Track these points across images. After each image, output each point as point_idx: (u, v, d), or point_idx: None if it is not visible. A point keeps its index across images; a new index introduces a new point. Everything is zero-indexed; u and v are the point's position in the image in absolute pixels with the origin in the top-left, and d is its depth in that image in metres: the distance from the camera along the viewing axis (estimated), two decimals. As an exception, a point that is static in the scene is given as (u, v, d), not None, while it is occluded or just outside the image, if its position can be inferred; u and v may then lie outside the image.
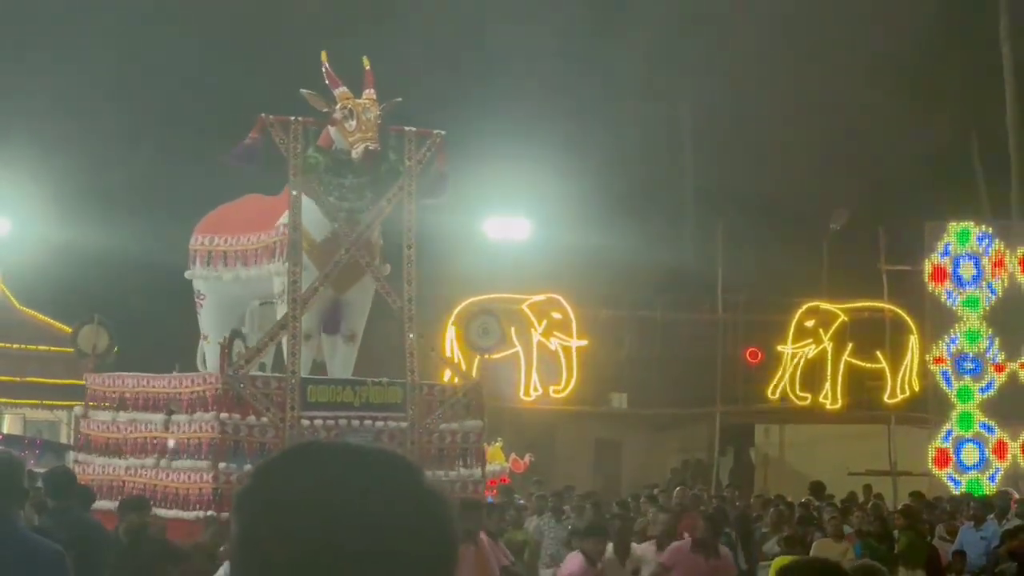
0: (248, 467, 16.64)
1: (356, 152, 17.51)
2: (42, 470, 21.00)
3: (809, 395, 34.94)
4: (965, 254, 32.73)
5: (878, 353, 34.90)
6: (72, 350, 21.74)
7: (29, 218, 34.79)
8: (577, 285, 34.76)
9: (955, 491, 30.13)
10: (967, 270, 32.70)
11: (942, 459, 32.45)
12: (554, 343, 33.55)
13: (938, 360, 32.74)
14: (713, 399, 35.70)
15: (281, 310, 18.14)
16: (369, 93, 17.91)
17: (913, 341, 34.41)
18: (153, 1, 39.00)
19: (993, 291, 32.53)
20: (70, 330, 37.31)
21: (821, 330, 34.85)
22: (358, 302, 18.72)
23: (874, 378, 35.06)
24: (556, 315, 33.51)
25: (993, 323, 32.51)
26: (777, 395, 35.01)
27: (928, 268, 32.92)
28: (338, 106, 17.78)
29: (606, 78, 40.47)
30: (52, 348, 35.16)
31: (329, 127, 17.86)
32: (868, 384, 35.24)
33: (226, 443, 17.31)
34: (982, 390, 32.48)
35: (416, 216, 18.56)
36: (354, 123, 17.58)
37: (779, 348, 35.12)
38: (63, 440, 39.12)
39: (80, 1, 38.48)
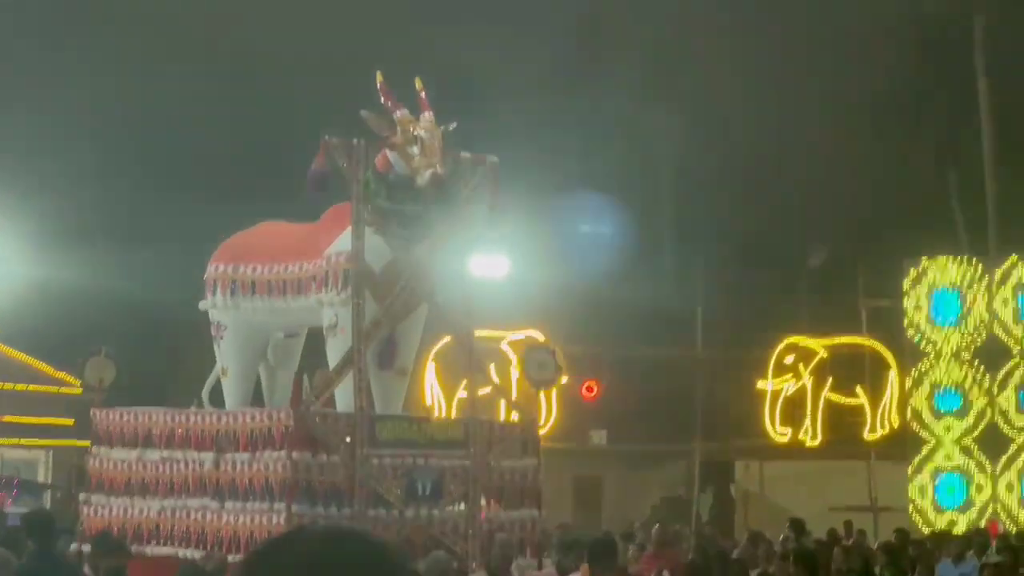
0: (320, 509, 16.17)
1: (422, 178, 16.65)
2: (20, 510, 20.80)
3: (789, 431, 34.93)
4: (944, 289, 32.82)
5: (858, 388, 34.94)
6: (76, 389, 21.42)
7: (5, 256, 34.71)
8: (556, 322, 34.75)
9: (936, 527, 30.15)
10: (946, 305, 32.78)
11: (922, 495, 32.50)
12: (533, 380, 33.52)
13: (917, 395, 32.81)
14: (693, 435, 35.68)
15: (337, 343, 17.18)
16: (428, 116, 17.05)
17: (893, 376, 34.45)
18: (130, 39, 39.02)
19: (972, 326, 32.60)
20: (48, 368, 37.36)
21: (801, 366, 34.87)
22: (411, 335, 17.87)
23: (854, 414, 35.08)
24: (535, 352, 33.47)
25: (972, 357, 32.58)
26: (776, 430, 34.93)
27: (907, 303, 33.01)
28: (399, 129, 16.89)
29: (586, 114, 40.56)
30: (30, 387, 35.05)
31: (387, 151, 16.97)
32: (848, 420, 35.25)
33: (298, 483, 16.37)
34: (962, 425, 32.52)
35: (470, 247, 18.03)
36: (417, 148, 16.75)
37: (759, 384, 35.14)
38: (40, 479, 38.95)
39: (56, 39, 38.48)
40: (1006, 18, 39.26)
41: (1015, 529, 28.73)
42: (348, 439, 16.60)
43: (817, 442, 34.89)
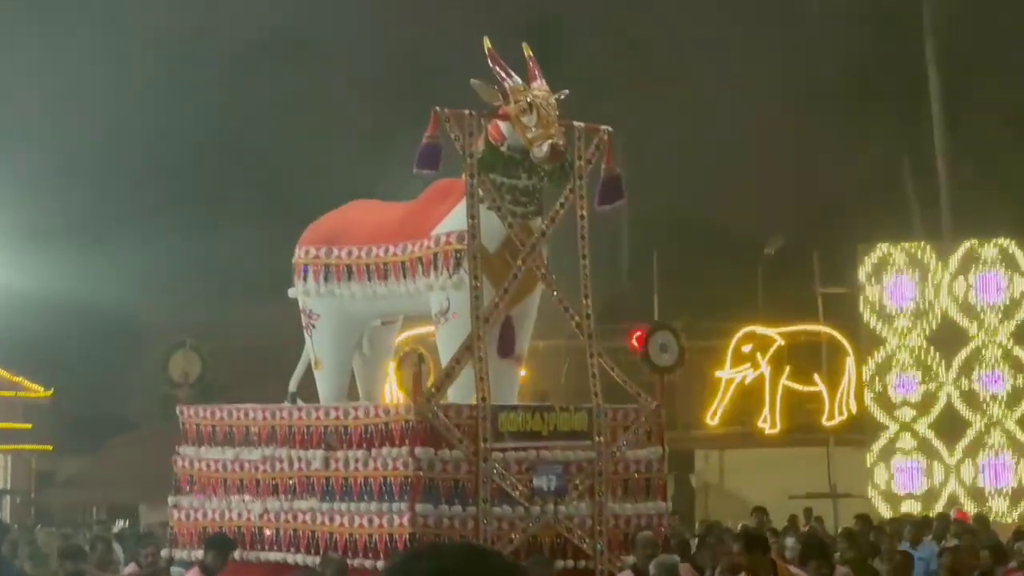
0: (444, 508, 15.03)
1: (540, 150, 15.41)
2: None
3: (748, 420, 35.04)
4: (898, 275, 32.97)
5: (815, 376, 35.05)
6: (34, 393, 20.80)
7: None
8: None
9: (895, 512, 30.34)
10: (901, 291, 32.94)
11: (881, 481, 32.67)
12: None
13: (875, 381, 32.97)
14: (652, 426, 35.67)
15: (449, 329, 15.85)
16: (540, 84, 15.82)
17: (849, 363, 34.58)
18: (86, 39, 38.86)
19: (927, 311, 32.77)
20: (5, 373, 37.14)
21: (758, 354, 34.95)
22: (527, 318, 16.53)
23: (812, 401, 35.19)
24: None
25: (928, 342, 32.75)
26: (716, 421, 35.07)
27: (862, 290, 33.16)
28: (513, 99, 15.64)
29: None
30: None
31: (498, 122, 15.72)
32: (806, 407, 35.35)
33: (421, 481, 15.12)
34: (921, 410, 32.68)
35: (588, 222, 16.35)
36: (534, 118, 15.50)
37: (717, 374, 35.22)
38: None
39: (9, 39, 38.28)
40: (955, 3, 39.47)
41: (974, 513, 28.93)
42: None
43: (776, 430, 35.00)
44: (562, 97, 15.79)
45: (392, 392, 31.13)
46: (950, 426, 32.43)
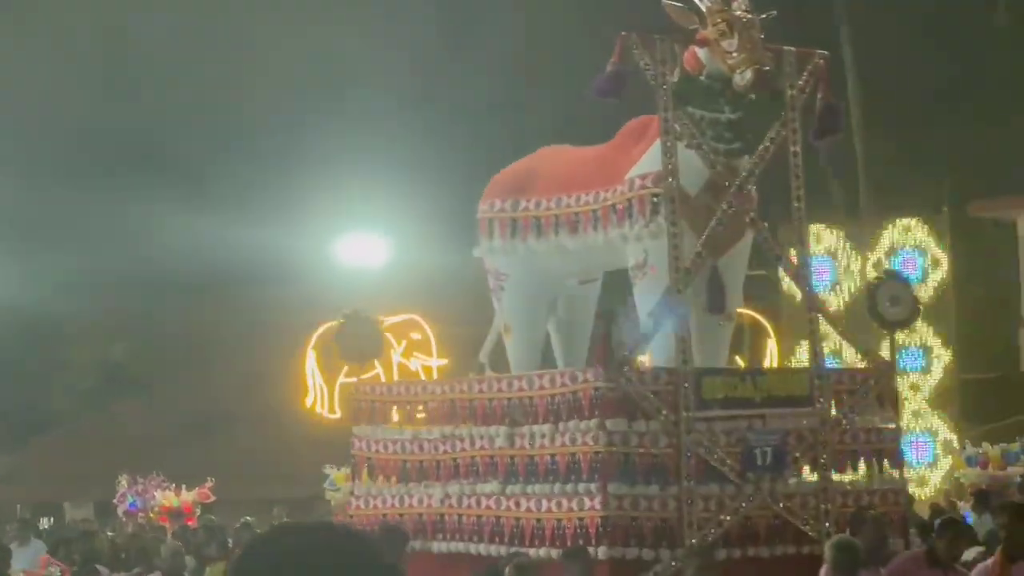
0: (640, 488, 13.46)
1: (743, 78, 13.76)
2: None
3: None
4: (818, 256, 33.20)
5: (737, 358, 35.19)
6: None
7: None
8: (436, 303, 34.84)
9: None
10: (821, 272, 33.16)
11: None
12: (415, 363, 33.57)
13: (796, 363, 33.19)
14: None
15: (648, 284, 14.18)
16: (741, 4, 14.09)
17: (772, 345, 34.78)
18: (21, 32, 38.61)
19: (846, 292, 33.03)
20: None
21: (682, 338, 35.13)
22: (736, 270, 14.82)
23: (735, 383, 35.37)
24: (415, 336, 33.58)
25: (848, 324, 32.98)
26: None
27: (783, 272, 33.33)
28: (710, 21, 13.95)
29: (459, 92, 40.68)
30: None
31: (695, 48, 14.05)
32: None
33: (614, 457, 13.42)
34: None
35: (801, 160, 14.81)
36: (734, 41, 13.79)
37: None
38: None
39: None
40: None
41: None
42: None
43: (701, 412, 35.19)
44: (769, 18, 14.32)
45: (315, 376, 31.18)
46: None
